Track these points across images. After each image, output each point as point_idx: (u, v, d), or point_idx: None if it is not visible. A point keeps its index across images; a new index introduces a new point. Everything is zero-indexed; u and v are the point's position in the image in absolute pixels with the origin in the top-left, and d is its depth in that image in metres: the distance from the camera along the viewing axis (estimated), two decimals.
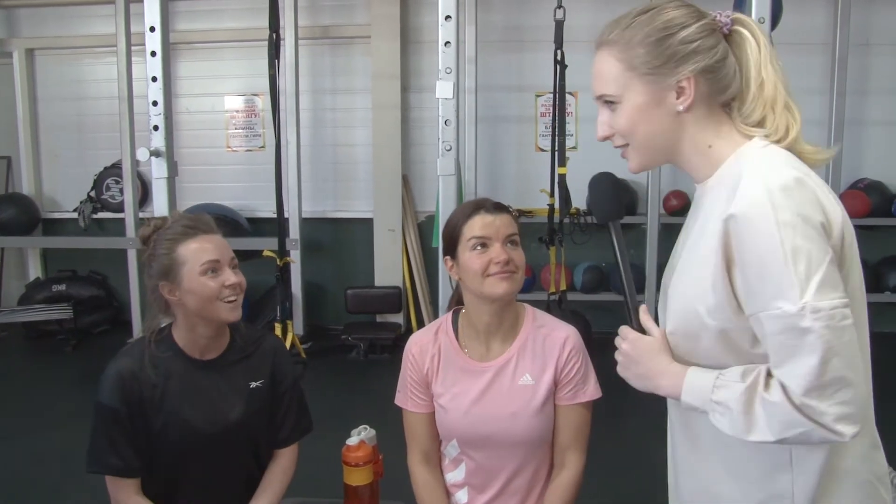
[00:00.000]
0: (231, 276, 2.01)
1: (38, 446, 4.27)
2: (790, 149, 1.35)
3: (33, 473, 3.96)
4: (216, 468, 2.11)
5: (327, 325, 6.74)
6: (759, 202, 1.21)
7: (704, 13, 1.36)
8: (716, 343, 1.32)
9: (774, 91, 1.34)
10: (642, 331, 1.45)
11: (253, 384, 2.14)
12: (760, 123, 1.35)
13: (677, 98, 1.34)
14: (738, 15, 1.38)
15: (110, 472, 2.02)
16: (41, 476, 3.92)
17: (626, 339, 1.44)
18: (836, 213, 1.27)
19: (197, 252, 1.99)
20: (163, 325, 2.12)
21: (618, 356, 1.45)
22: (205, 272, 1.98)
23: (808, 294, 1.17)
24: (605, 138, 1.43)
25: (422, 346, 2.12)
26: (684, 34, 1.32)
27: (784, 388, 1.21)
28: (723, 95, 1.36)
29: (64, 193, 7.15)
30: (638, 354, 1.41)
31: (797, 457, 1.31)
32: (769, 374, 1.25)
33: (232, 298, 2.01)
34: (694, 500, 1.45)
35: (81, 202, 6.93)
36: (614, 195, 1.60)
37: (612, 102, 1.39)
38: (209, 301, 1.99)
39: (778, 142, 1.35)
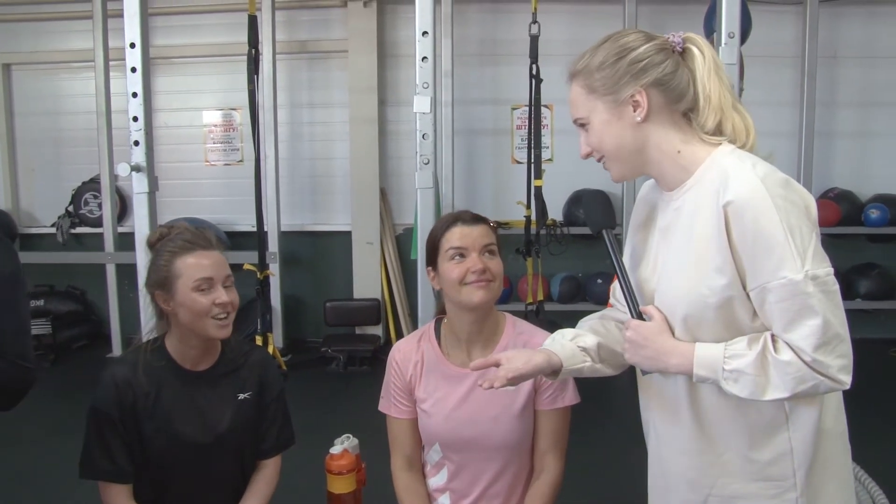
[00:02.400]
0: (222, 295, 2.04)
1: (18, 462, 4.26)
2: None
3: (14, 489, 3.94)
4: (203, 478, 2.14)
5: (306, 337, 6.77)
6: (754, 188, 1.37)
7: (655, 35, 1.54)
8: (717, 321, 1.46)
9: (720, 99, 1.50)
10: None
11: (241, 396, 2.18)
12: (718, 129, 1.51)
13: (634, 110, 1.51)
14: (689, 34, 1.55)
15: (104, 478, 2.05)
16: (22, 491, 3.91)
17: (629, 327, 1.55)
18: (813, 202, 1.44)
19: (192, 267, 2.03)
20: (157, 336, 2.16)
21: (624, 344, 1.57)
22: (197, 288, 2.02)
23: (808, 263, 1.36)
24: (587, 156, 1.60)
25: (405, 353, 2.17)
26: (633, 55, 1.50)
27: (794, 348, 1.38)
28: (679, 104, 1.52)
29: (41, 208, 7.11)
30: (642, 338, 1.53)
31: (792, 416, 1.45)
32: (774, 339, 1.41)
33: (222, 316, 2.05)
34: (705, 474, 1.54)
35: (59, 217, 6.90)
36: (606, 205, 1.71)
37: (584, 125, 1.58)
38: (199, 317, 2.03)
39: (743, 147, 1.50)
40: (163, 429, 2.08)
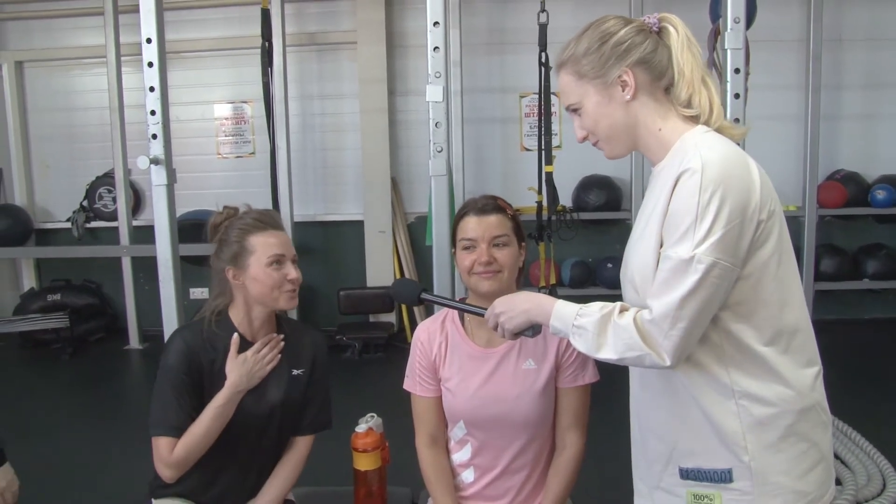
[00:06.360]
0: (292, 271, 2.17)
1: (40, 453, 4.29)
2: (719, 129, 1.59)
3: (36, 479, 3.98)
4: (253, 447, 2.24)
5: (321, 326, 6.77)
6: (694, 167, 1.45)
7: (632, 19, 1.63)
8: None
9: (691, 73, 1.59)
10: None
11: (295, 372, 2.29)
12: (689, 102, 1.60)
13: (622, 90, 1.60)
14: (664, 14, 1.63)
15: (172, 434, 2.10)
16: (44, 481, 3.94)
17: (493, 308, 1.75)
18: (765, 190, 1.50)
19: (265, 245, 2.15)
20: (220, 309, 2.26)
21: (500, 318, 1.74)
22: (270, 263, 2.14)
23: (702, 247, 1.42)
24: (583, 139, 1.70)
25: (430, 333, 2.23)
26: (616, 38, 1.59)
27: (645, 310, 1.49)
28: (662, 81, 1.61)
29: (56, 203, 7.21)
30: (509, 304, 1.72)
31: (735, 387, 1.52)
32: (624, 309, 1.54)
33: (291, 290, 2.18)
34: (671, 429, 1.63)
35: (74, 212, 7.01)
36: (403, 283, 2.03)
37: (577, 110, 1.66)
38: (271, 290, 2.15)
39: (707, 122, 1.59)
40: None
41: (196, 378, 2.15)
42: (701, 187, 1.42)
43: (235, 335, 2.19)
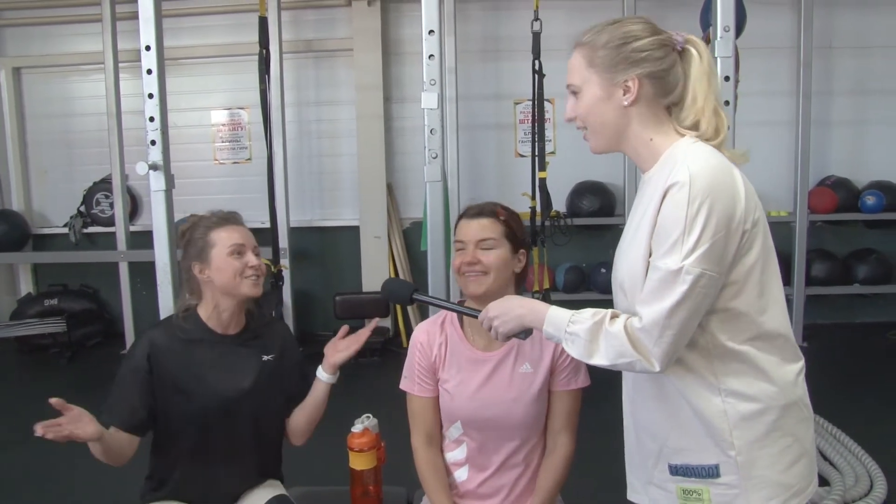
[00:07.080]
0: (253, 259, 2.30)
1: (36, 458, 4.33)
2: (717, 148, 1.63)
3: (33, 484, 4.04)
4: (228, 436, 2.31)
5: (316, 331, 6.86)
6: (682, 180, 1.49)
7: (661, 30, 1.65)
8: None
9: (704, 102, 1.62)
10: None
11: (265, 357, 2.38)
12: (695, 126, 1.63)
13: (623, 94, 1.63)
14: (691, 36, 1.66)
15: (117, 424, 2.20)
16: (41, 486, 4.01)
17: (486, 311, 1.79)
18: (750, 200, 1.55)
19: (226, 237, 2.28)
20: (189, 306, 2.36)
21: (493, 322, 1.76)
22: (231, 253, 2.26)
23: (690, 259, 1.48)
24: (570, 120, 1.73)
25: (429, 335, 2.29)
26: (638, 44, 1.61)
27: (635, 318, 1.55)
28: (666, 99, 1.65)
29: (53, 209, 7.25)
30: (503, 308, 1.75)
31: (721, 386, 1.58)
32: (614, 316, 1.59)
33: (254, 277, 2.29)
34: (662, 426, 1.69)
35: (71, 217, 7.03)
36: (395, 282, 2.10)
37: (575, 92, 1.69)
38: (233, 277, 2.26)
39: (707, 140, 1.62)
40: (197, 382, 2.27)
41: (156, 374, 2.25)
42: (689, 200, 1.47)
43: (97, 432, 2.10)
